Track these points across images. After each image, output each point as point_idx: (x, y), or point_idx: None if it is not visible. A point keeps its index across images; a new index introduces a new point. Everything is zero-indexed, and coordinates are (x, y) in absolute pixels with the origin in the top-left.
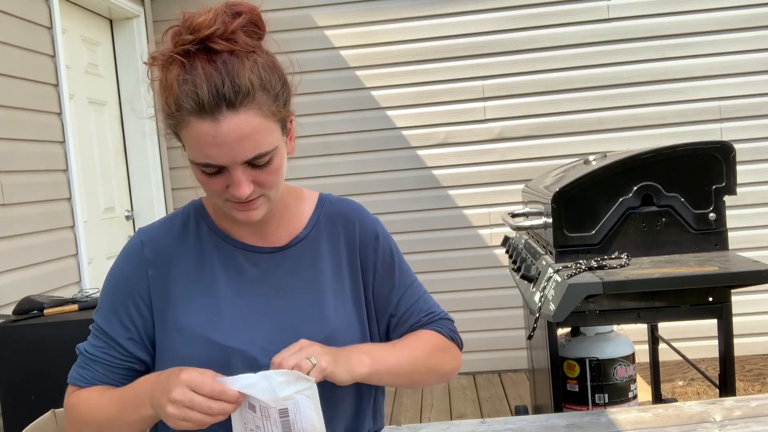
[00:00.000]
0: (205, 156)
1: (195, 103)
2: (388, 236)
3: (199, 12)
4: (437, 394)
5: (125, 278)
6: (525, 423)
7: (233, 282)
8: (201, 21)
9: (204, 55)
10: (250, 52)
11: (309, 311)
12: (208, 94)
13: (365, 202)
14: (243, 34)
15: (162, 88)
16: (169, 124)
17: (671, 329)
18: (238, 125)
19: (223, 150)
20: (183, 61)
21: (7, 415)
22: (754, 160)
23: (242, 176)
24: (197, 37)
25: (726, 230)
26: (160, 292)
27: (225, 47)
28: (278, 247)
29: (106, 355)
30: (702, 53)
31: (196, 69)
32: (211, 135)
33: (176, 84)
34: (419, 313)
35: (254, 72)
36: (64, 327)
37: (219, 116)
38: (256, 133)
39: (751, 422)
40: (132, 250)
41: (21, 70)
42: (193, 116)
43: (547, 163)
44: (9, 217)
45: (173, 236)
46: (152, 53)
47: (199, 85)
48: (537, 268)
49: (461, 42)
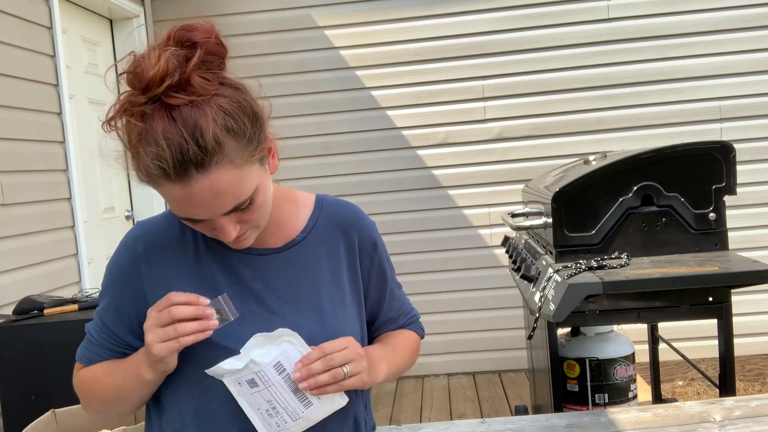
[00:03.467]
0: (185, 213)
1: (161, 171)
2: (383, 242)
3: (147, 56)
4: (437, 394)
5: (120, 270)
6: (525, 423)
7: (228, 284)
8: (152, 75)
9: (162, 111)
10: (212, 97)
11: (305, 313)
12: (172, 160)
13: (365, 202)
14: (199, 77)
15: (127, 148)
16: (143, 180)
17: (671, 329)
18: (211, 185)
19: (201, 208)
20: (140, 121)
21: (7, 415)
22: (754, 160)
23: (226, 223)
24: (150, 96)
25: (726, 230)
26: (154, 288)
27: (182, 101)
28: (273, 249)
29: (106, 342)
30: (702, 53)
31: (156, 131)
32: (186, 197)
33: (140, 147)
34: (402, 318)
35: (218, 123)
36: (64, 327)
37: (189, 180)
38: (232, 186)
39: (751, 422)
40: (127, 244)
41: (21, 70)
42: (162, 180)
43: (547, 163)
44: (9, 217)
45: (169, 232)
46: (108, 117)
47: (162, 150)
48: (537, 268)
49: (461, 42)
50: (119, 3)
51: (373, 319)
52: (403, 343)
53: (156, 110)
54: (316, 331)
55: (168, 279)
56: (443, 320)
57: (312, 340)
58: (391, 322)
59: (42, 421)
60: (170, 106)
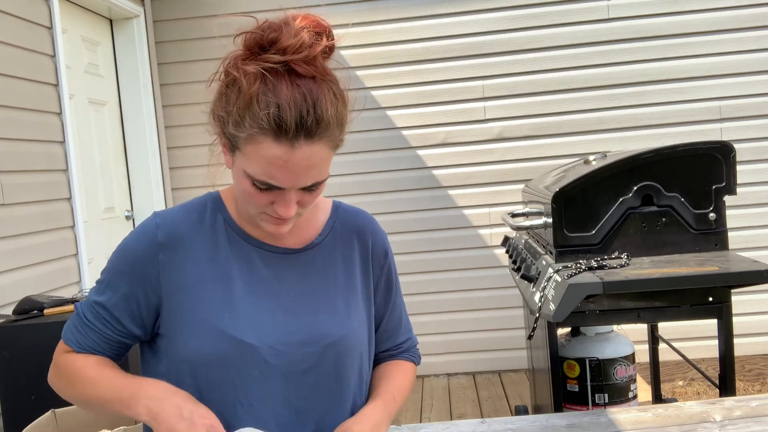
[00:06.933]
0: (268, 176)
1: (276, 126)
2: (392, 252)
3: (283, 27)
4: (437, 394)
5: (134, 257)
6: (525, 423)
7: (246, 278)
8: (291, 44)
9: (287, 77)
10: (328, 80)
11: (319, 315)
12: (292, 120)
13: (365, 202)
14: (321, 58)
15: (235, 97)
16: (233, 133)
17: (671, 329)
18: (311, 155)
19: (289, 175)
20: (267, 76)
21: (7, 415)
22: (754, 160)
23: (294, 198)
24: (286, 59)
25: (726, 230)
26: (170, 277)
27: (307, 72)
28: (292, 249)
29: (102, 326)
30: (702, 53)
31: (281, 91)
32: (283, 159)
33: (257, 99)
34: (402, 334)
35: (333, 105)
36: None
37: (296, 143)
38: (321, 163)
39: (751, 422)
40: (146, 231)
41: (21, 70)
42: (268, 136)
43: (547, 163)
44: (9, 217)
45: (189, 224)
46: (234, 59)
47: (284, 109)
48: (537, 268)
49: (461, 42)
50: (119, 3)
51: (375, 328)
52: (403, 381)
53: (281, 74)
54: (329, 331)
55: (184, 270)
56: (443, 320)
57: (325, 340)
58: (389, 336)
59: (42, 421)
60: (296, 74)
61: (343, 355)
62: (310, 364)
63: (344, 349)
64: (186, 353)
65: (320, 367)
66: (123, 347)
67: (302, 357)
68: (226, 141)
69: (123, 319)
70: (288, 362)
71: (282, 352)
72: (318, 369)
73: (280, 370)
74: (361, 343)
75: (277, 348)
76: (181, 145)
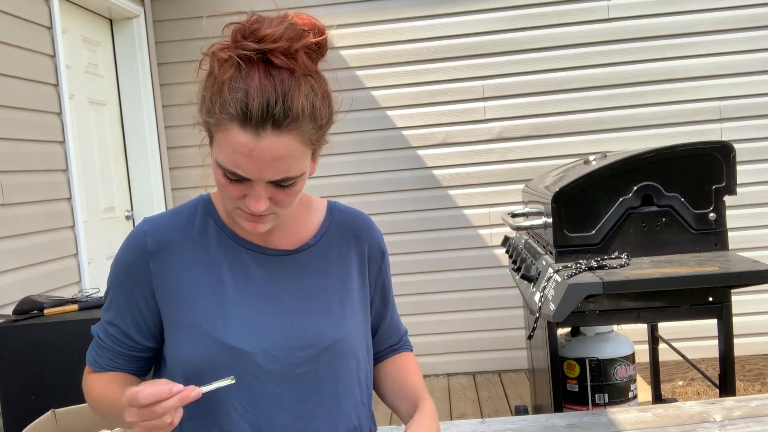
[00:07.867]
0: (234, 164)
1: (242, 112)
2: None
3: (268, 19)
4: (437, 394)
5: (126, 269)
6: (525, 423)
7: (238, 282)
8: (268, 33)
9: (262, 66)
10: (308, 76)
11: (314, 318)
12: (258, 108)
13: (365, 202)
14: (304, 55)
15: (210, 84)
16: (206, 119)
17: (671, 329)
18: (277, 146)
19: (255, 165)
20: (241, 64)
21: (7, 415)
22: (754, 160)
23: (263, 192)
24: (261, 47)
25: (726, 230)
26: (163, 284)
27: (285, 64)
28: (286, 250)
29: (114, 344)
30: (702, 53)
31: (252, 79)
32: (248, 148)
33: (227, 86)
34: (396, 334)
35: (308, 99)
36: (64, 327)
37: (262, 132)
38: (291, 157)
39: (751, 422)
40: (135, 240)
41: (21, 70)
42: (235, 123)
43: (547, 163)
44: (9, 217)
45: (179, 229)
46: (214, 47)
47: (252, 96)
48: (537, 268)
49: (461, 42)
50: (119, 3)
51: (374, 329)
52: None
53: (257, 62)
54: (324, 334)
55: (176, 276)
56: (443, 320)
57: (320, 343)
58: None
59: (42, 421)
60: (272, 65)
61: (338, 357)
62: (305, 368)
63: (340, 351)
64: (180, 359)
65: (316, 371)
66: (141, 361)
67: (297, 361)
68: (206, 131)
69: (131, 333)
70: (283, 366)
71: (276, 357)
72: (314, 372)
73: (275, 375)
74: (358, 345)
75: (272, 353)
76: (181, 145)
